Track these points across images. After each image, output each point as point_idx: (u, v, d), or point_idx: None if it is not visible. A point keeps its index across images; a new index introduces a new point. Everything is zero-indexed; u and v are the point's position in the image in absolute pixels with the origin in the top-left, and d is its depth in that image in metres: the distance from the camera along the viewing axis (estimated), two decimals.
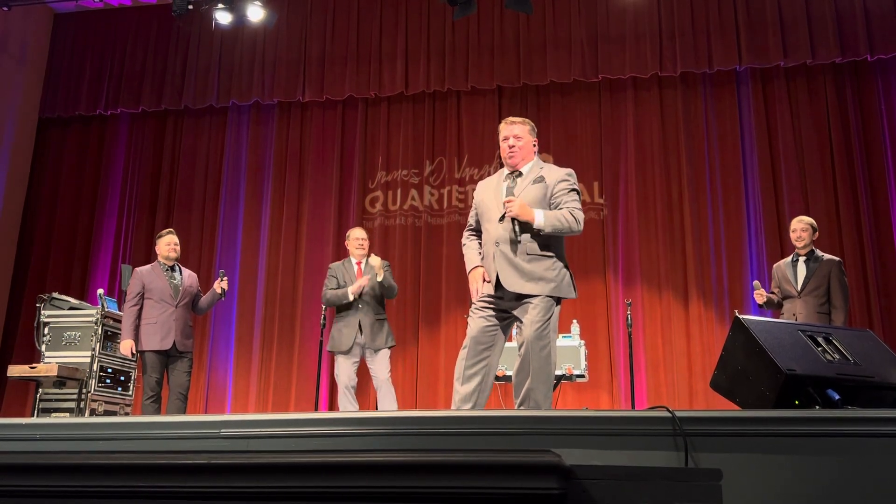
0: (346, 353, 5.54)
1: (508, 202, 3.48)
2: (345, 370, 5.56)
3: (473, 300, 3.61)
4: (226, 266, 8.35)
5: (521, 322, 3.47)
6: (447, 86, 8.31)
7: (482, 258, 3.65)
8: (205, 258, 8.51)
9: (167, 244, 5.65)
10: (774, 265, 5.71)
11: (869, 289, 7.20)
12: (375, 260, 5.63)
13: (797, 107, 7.78)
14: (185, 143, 8.96)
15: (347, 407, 5.52)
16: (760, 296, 5.51)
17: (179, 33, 8.89)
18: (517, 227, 3.50)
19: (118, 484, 1.97)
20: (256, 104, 8.85)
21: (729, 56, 7.72)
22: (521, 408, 3.38)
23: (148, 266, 5.69)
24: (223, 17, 7.78)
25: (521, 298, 3.47)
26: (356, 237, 5.88)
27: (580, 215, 3.52)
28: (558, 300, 3.52)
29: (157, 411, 5.38)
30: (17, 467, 2.07)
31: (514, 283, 3.45)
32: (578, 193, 3.61)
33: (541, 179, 3.57)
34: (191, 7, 7.51)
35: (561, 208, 3.53)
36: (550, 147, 8.14)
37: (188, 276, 5.73)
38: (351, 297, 5.57)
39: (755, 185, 7.67)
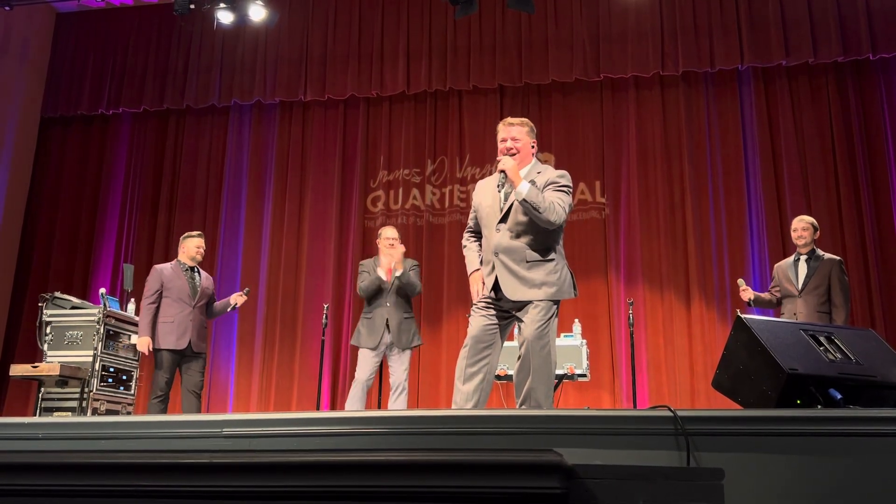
0: (373, 349, 5.51)
1: (500, 161, 3.55)
2: (365, 365, 5.51)
3: (474, 301, 3.61)
4: (227, 265, 8.37)
5: (522, 321, 3.48)
6: (449, 85, 8.30)
7: (482, 263, 3.65)
8: (206, 257, 8.47)
9: (196, 246, 5.70)
10: (776, 265, 5.71)
11: (871, 288, 7.19)
12: (398, 251, 5.60)
13: (799, 106, 7.77)
14: (187, 142, 8.96)
15: (354, 402, 5.46)
16: (746, 292, 5.53)
17: (181, 33, 8.90)
18: (516, 229, 3.53)
19: (120, 483, 1.97)
20: (258, 103, 8.86)
21: (731, 55, 7.72)
22: (523, 407, 3.40)
23: (168, 264, 5.71)
24: (225, 17, 7.78)
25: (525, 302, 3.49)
26: (386, 237, 5.79)
27: (560, 209, 3.49)
28: (558, 301, 3.54)
29: (163, 412, 5.36)
30: (20, 466, 2.08)
31: (516, 292, 3.47)
32: (567, 194, 3.59)
33: (532, 183, 3.54)
34: (192, 6, 7.52)
35: None
36: (552, 146, 8.14)
37: (206, 278, 5.77)
38: (384, 276, 5.55)
39: (757, 184, 7.67)
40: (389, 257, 5.60)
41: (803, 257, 5.46)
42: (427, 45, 8.39)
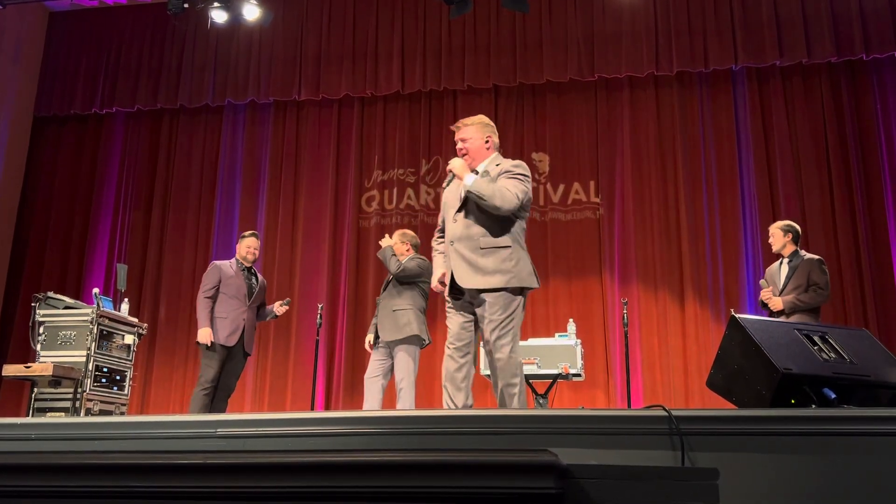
0: (372, 345, 5.45)
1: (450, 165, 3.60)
2: (370, 362, 5.41)
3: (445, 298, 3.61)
4: None
5: (483, 320, 3.48)
6: (443, 85, 8.30)
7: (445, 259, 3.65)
8: (200, 257, 8.50)
9: (247, 246, 5.75)
10: (768, 268, 5.72)
11: (864, 288, 7.21)
12: (386, 240, 5.63)
13: (793, 106, 7.80)
14: (181, 141, 8.94)
15: (366, 401, 5.30)
16: (766, 292, 5.44)
17: (175, 32, 8.87)
18: (471, 218, 3.52)
19: (114, 484, 1.97)
20: (252, 103, 8.84)
21: (725, 55, 7.73)
22: (502, 408, 3.42)
23: (227, 261, 5.78)
24: (219, 16, 7.76)
25: (480, 294, 3.47)
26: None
27: (511, 195, 3.45)
28: (520, 290, 3.49)
29: (208, 405, 5.39)
30: (13, 467, 2.07)
31: (468, 280, 3.47)
32: (521, 182, 3.54)
33: (486, 174, 3.56)
34: (186, 5, 7.49)
35: None
36: (546, 146, 8.15)
37: (262, 282, 5.84)
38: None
39: (751, 183, 7.69)
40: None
41: (785, 260, 5.48)
42: (422, 44, 8.39)
